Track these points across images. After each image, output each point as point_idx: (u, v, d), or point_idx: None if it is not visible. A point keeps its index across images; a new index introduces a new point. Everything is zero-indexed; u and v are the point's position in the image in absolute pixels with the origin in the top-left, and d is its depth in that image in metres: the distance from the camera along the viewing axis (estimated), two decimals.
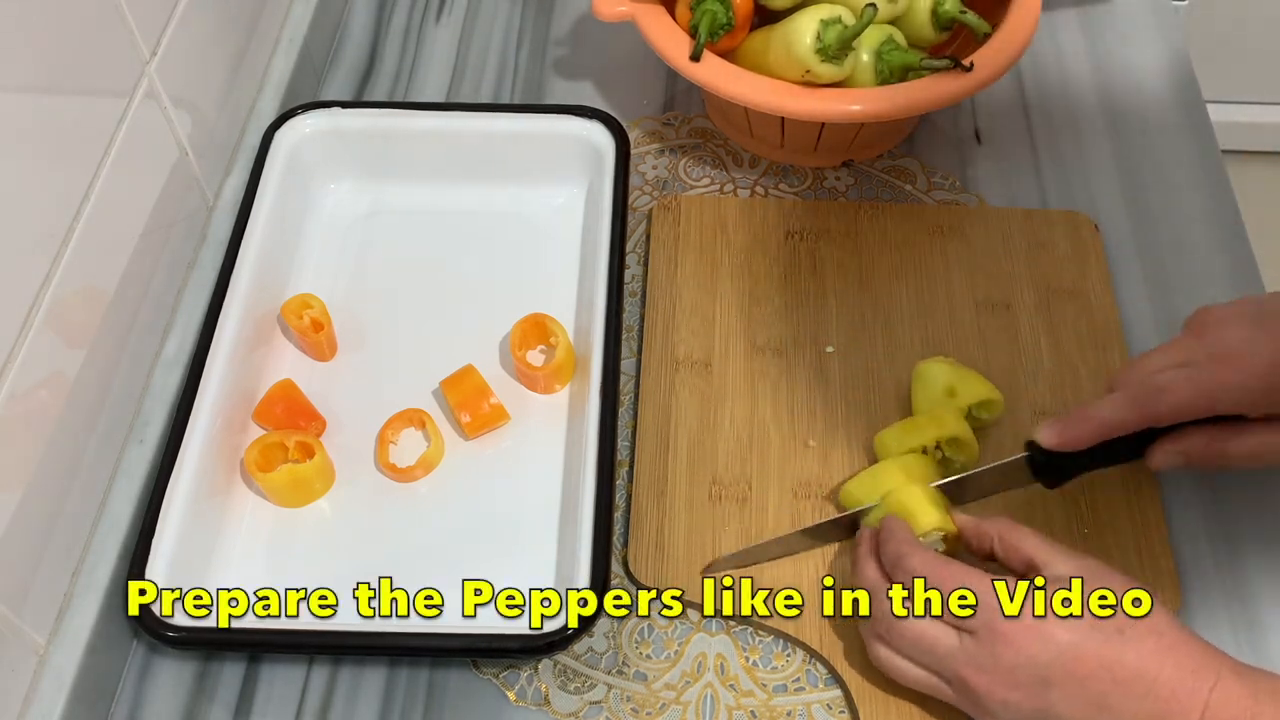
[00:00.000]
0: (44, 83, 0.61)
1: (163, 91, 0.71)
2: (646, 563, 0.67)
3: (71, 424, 0.63)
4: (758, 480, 0.70)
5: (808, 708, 0.64)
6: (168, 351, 0.73)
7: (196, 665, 0.66)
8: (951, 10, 0.79)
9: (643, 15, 0.81)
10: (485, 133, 0.82)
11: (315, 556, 0.68)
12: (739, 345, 0.76)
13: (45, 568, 0.62)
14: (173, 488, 0.66)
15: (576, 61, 0.94)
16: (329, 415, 0.73)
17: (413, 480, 0.71)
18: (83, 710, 0.62)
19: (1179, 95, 0.91)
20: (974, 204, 0.84)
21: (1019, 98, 0.91)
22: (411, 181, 0.84)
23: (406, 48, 0.95)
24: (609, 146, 0.80)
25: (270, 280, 0.77)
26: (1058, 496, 0.68)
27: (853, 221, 0.82)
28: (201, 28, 0.76)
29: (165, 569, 0.63)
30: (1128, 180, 0.86)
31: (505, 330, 0.75)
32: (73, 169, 0.63)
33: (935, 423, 0.69)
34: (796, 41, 0.74)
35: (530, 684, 0.65)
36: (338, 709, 0.64)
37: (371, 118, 0.83)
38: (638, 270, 0.81)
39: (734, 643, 0.66)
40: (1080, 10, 0.97)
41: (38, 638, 0.61)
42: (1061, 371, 0.74)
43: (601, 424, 0.68)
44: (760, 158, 0.87)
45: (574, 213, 0.82)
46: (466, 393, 0.72)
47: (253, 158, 0.81)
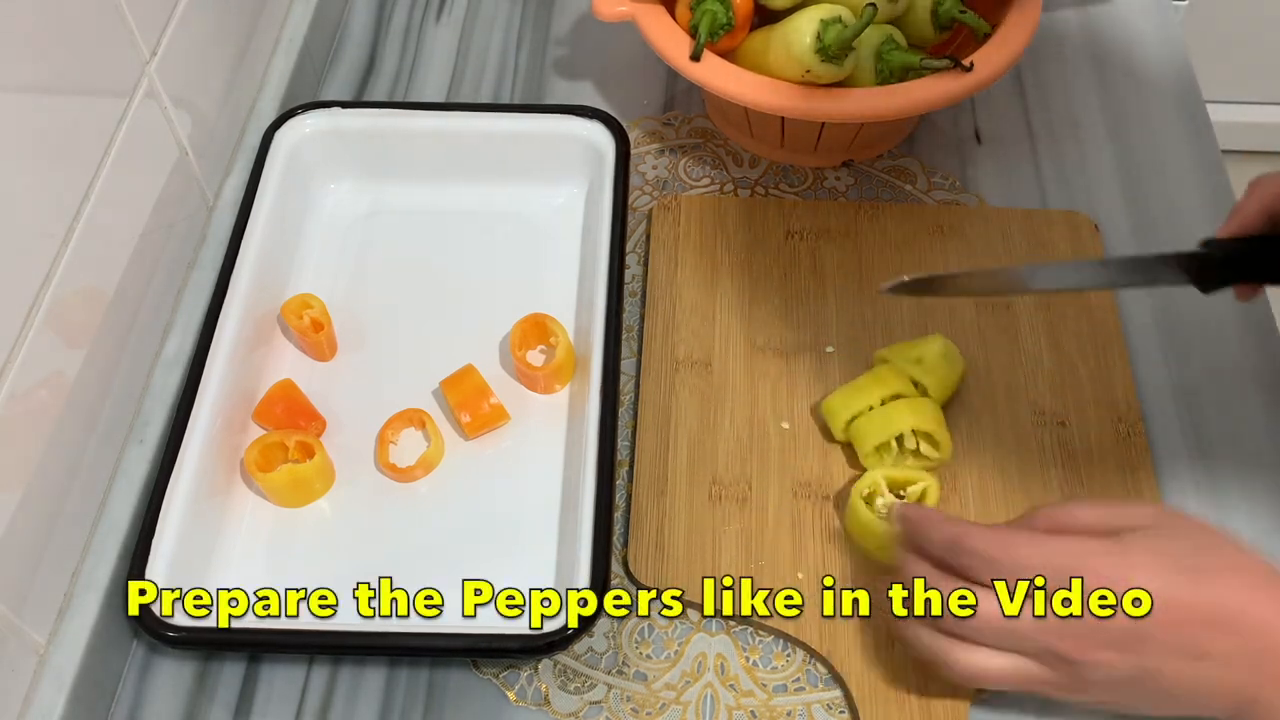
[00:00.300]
0: (44, 83, 0.61)
1: (163, 91, 0.71)
2: (646, 563, 0.67)
3: (71, 424, 0.63)
4: (758, 480, 0.70)
5: (808, 708, 0.64)
6: (168, 351, 0.73)
7: (196, 665, 0.66)
8: (951, 10, 0.79)
9: (643, 15, 0.81)
10: (485, 133, 0.82)
11: (315, 556, 0.68)
12: (739, 345, 0.76)
13: (45, 568, 0.62)
14: (173, 488, 0.66)
15: (576, 61, 0.94)
16: (329, 415, 0.73)
17: (413, 480, 0.71)
18: (83, 710, 0.62)
19: (1179, 95, 0.91)
20: (974, 204, 0.84)
21: (1019, 98, 0.91)
22: (411, 181, 0.84)
23: (406, 48, 0.95)
24: (609, 146, 0.80)
25: (270, 280, 0.77)
26: (1056, 478, 0.68)
27: (853, 221, 0.82)
28: (201, 28, 0.76)
29: (165, 569, 0.63)
30: (1128, 180, 0.86)
31: (505, 330, 0.75)
32: (73, 169, 0.63)
33: (879, 381, 0.70)
34: (796, 41, 0.74)
35: (530, 684, 0.65)
36: (338, 709, 0.64)
37: (371, 118, 0.83)
38: (638, 270, 0.81)
39: (734, 643, 0.66)
40: (1080, 10, 0.97)
41: (38, 638, 0.61)
42: (1061, 371, 0.74)
43: (601, 424, 0.68)
44: (760, 158, 0.87)
45: (574, 213, 0.82)
46: (466, 393, 0.72)
47: (253, 158, 0.81)
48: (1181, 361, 0.76)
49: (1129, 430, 0.72)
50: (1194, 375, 0.75)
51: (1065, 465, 0.70)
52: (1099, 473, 0.70)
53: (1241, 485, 0.71)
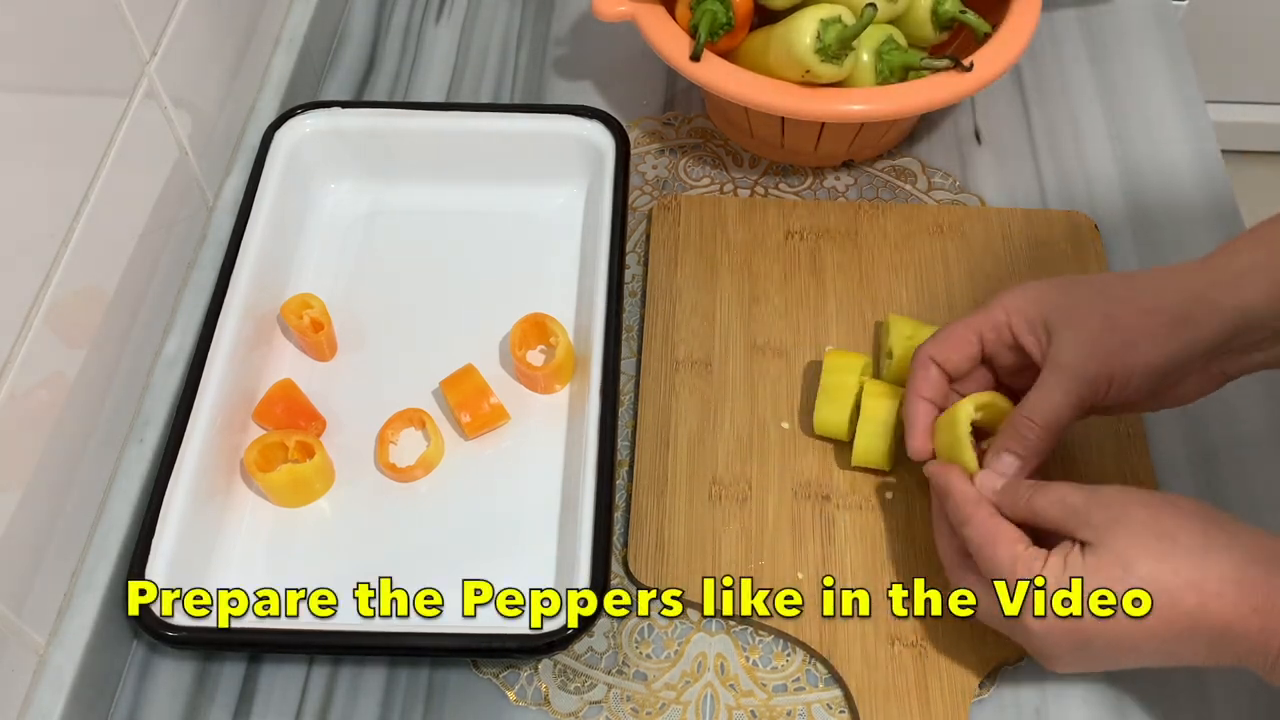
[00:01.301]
0: (44, 83, 0.61)
1: (163, 91, 0.71)
2: (646, 563, 0.67)
3: (71, 424, 0.63)
4: (758, 480, 0.70)
5: (808, 708, 0.64)
6: (168, 351, 0.73)
7: (196, 665, 0.66)
8: (951, 10, 0.79)
9: (643, 15, 0.81)
10: (485, 133, 0.82)
11: (315, 556, 0.68)
12: (739, 345, 0.76)
13: (45, 568, 0.62)
14: (173, 488, 0.66)
15: (576, 61, 0.94)
16: (329, 415, 0.73)
17: (413, 480, 0.71)
18: (82, 710, 0.62)
19: (1179, 95, 0.91)
20: (974, 204, 0.84)
21: (1019, 98, 0.91)
22: (411, 181, 0.84)
23: (406, 48, 0.95)
24: (609, 146, 0.80)
25: (270, 280, 0.77)
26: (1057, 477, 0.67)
27: (853, 221, 0.82)
28: (201, 28, 0.76)
29: (165, 569, 0.63)
30: (1128, 180, 0.86)
31: (505, 330, 0.75)
32: (73, 169, 0.63)
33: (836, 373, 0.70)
34: (796, 41, 0.74)
35: (530, 684, 0.65)
36: (338, 709, 0.64)
37: (371, 118, 0.83)
38: (638, 270, 0.81)
39: (734, 643, 0.66)
40: (1080, 10, 0.97)
41: (38, 638, 0.61)
42: None
43: (601, 424, 0.68)
44: (760, 158, 0.87)
45: (574, 213, 0.82)
46: (466, 393, 0.72)
47: (253, 158, 0.81)
48: None
49: (1129, 430, 0.72)
50: None
51: (1065, 465, 0.70)
52: (1099, 473, 0.70)
53: (1241, 485, 0.71)
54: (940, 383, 0.66)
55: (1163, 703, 0.64)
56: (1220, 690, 0.64)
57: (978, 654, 0.64)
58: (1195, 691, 0.64)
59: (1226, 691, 0.64)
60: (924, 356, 0.66)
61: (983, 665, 0.64)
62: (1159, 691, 0.64)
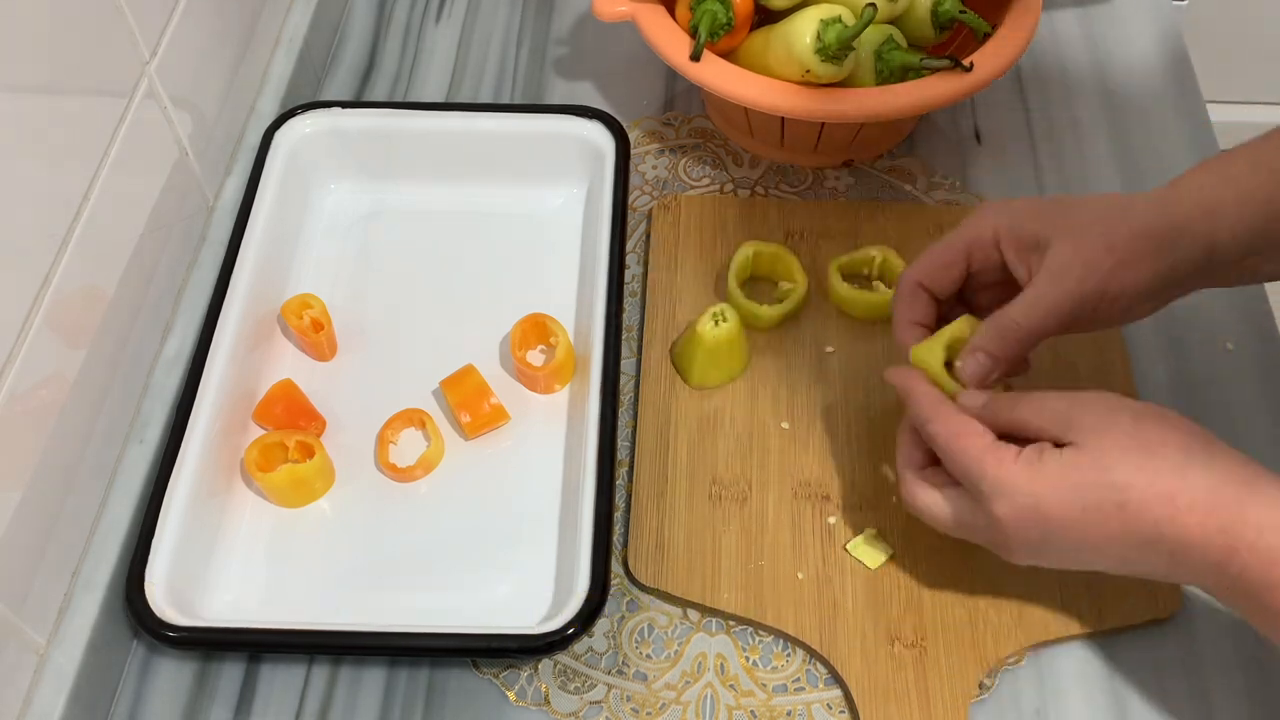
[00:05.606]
0: (44, 83, 0.61)
1: (163, 91, 0.71)
2: (646, 563, 0.67)
3: (71, 424, 0.63)
4: (758, 480, 0.70)
5: (808, 708, 0.64)
6: (168, 351, 0.73)
7: (196, 665, 0.66)
8: (951, 10, 0.79)
9: (643, 15, 0.81)
10: (485, 133, 0.82)
11: (315, 556, 0.68)
12: None
13: (45, 568, 0.62)
14: (173, 488, 0.66)
15: (576, 61, 0.94)
16: (329, 415, 0.73)
17: (413, 480, 0.71)
18: (82, 710, 0.62)
19: (1179, 95, 0.91)
20: (974, 204, 0.84)
21: (1019, 98, 0.91)
22: (411, 181, 0.84)
23: (406, 48, 0.95)
24: (609, 146, 0.80)
25: (270, 280, 0.77)
26: None
27: (853, 221, 0.82)
28: (201, 28, 0.76)
29: (165, 569, 0.63)
30: (1128, 180, 0.86)
31: (505, 330, 0.75)
32: (73, 169, 0.63)
33: None
34: (796, 41, 0.74)
35: (530, 684, 0.65)
36: (338, 709, 0.64)
37: (371, 118, 0.83)
38: (638, 270, 0.81)
39: (734, 643, 0.66)
40: (1080, 10, 0.97)
41: (38, 638, 0.61)
42: (1061, 371, 0.74)
43: (601, 424, 0.68)
44: (760, 158, 0.87)
45: (574, 213, 0.82)
46: (466, 393, 0.72)
47: (253, 158, 0.81)
48: (1181, 360, 0.76)
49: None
50: (1193, 374, 0.75)
51: None
52: None
53: None
54: (930, 307, 0.66)
55: (1163, 703, 0.64)
56: (1221, 690, 0.64)
57: (978, 654, 0.64)
58: (1196, 691, 0.64)
59: (1227, 692, 0.64)
60: (911, 282, 0.66)
61: (983, 665, 0.64)
62: (1159, 691, 0.64)
